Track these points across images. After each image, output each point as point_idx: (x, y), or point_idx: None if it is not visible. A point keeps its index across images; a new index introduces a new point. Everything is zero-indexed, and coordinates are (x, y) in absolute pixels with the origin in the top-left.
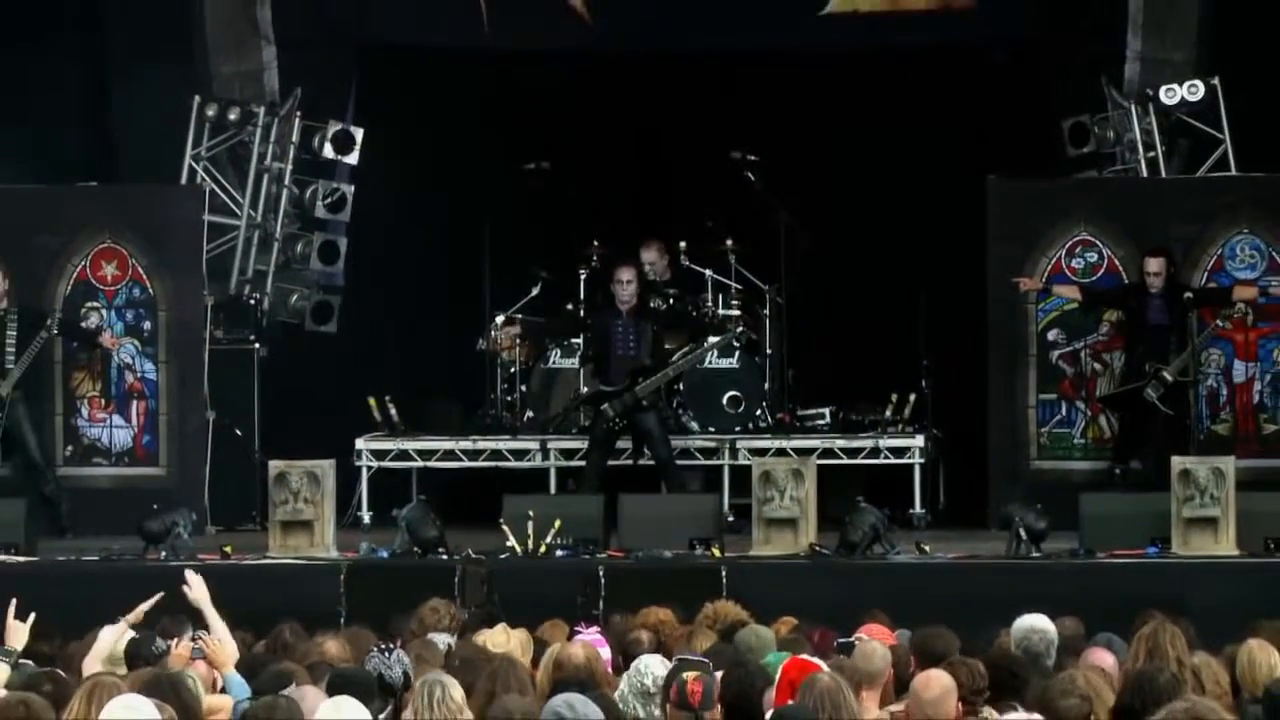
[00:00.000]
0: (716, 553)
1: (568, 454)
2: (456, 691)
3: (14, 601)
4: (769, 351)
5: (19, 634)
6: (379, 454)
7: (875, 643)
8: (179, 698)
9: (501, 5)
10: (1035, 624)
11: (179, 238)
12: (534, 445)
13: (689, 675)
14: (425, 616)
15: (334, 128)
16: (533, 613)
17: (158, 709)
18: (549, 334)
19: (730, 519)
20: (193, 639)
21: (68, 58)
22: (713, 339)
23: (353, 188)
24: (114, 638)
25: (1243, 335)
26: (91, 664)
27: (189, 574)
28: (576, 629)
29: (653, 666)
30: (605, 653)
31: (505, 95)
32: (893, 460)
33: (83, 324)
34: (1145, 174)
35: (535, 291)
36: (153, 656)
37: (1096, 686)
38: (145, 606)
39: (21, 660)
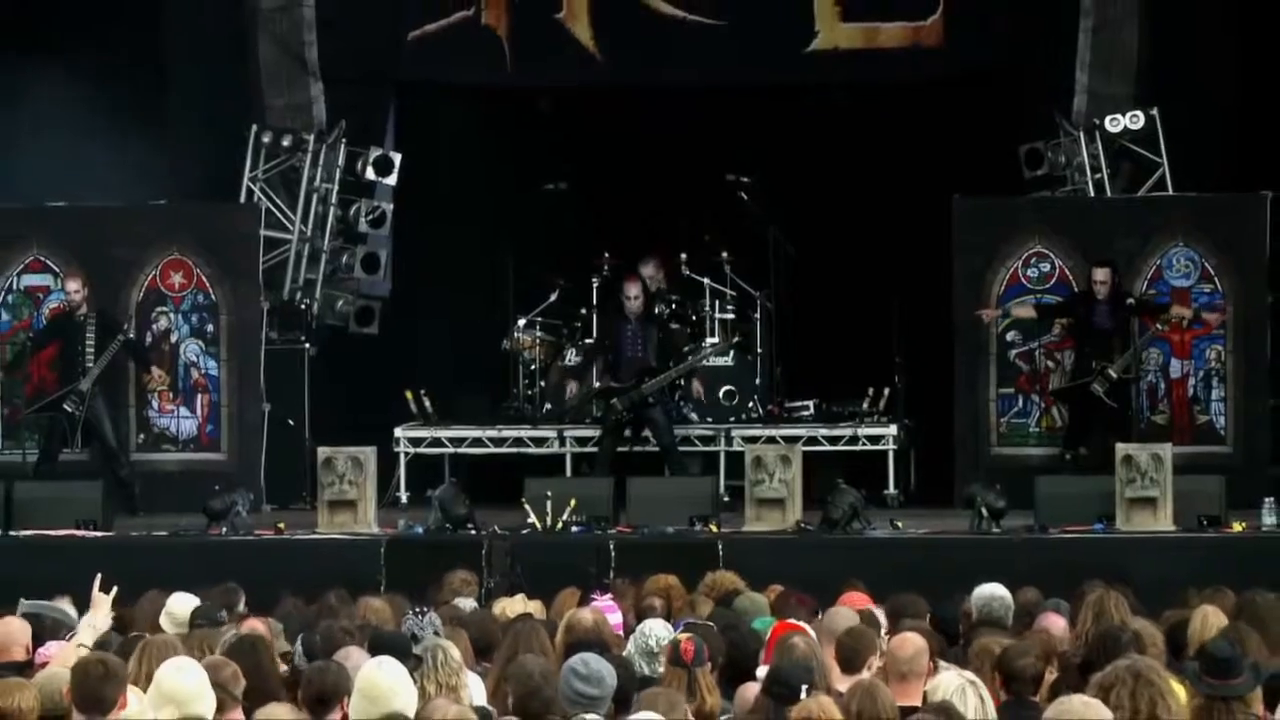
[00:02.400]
0: (714, 529)
1: (582, 441)
2: (455, 654)
3: (99, 577)
4: (759, 350)
5: (103, 606)
6: (415, 441)
7: (843, 609)
8: (256, 658)
9: (522, 46)
10: (995, 592)
11: (238, 250)
12: (552, 433)
13: (682, 636)
14: (455, 585)
15: (375, 153)
16: (551, 582)
17: (221, 667)
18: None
19: (726, 499)
20: None
21: (135, 90)
22: (707, 347)
23: (391, 206)
24: (179, 605)
25: (1179, 336)
26: (166, 626)
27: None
28: (592, 596)
29: (656, 629)
30: (615, 617)
31: (526, 124)
32: (869, 447)
33: (153, 326)
34: (1092, 194)
35: (553, 298)
36: (215, 622)
37: (1049, 648)
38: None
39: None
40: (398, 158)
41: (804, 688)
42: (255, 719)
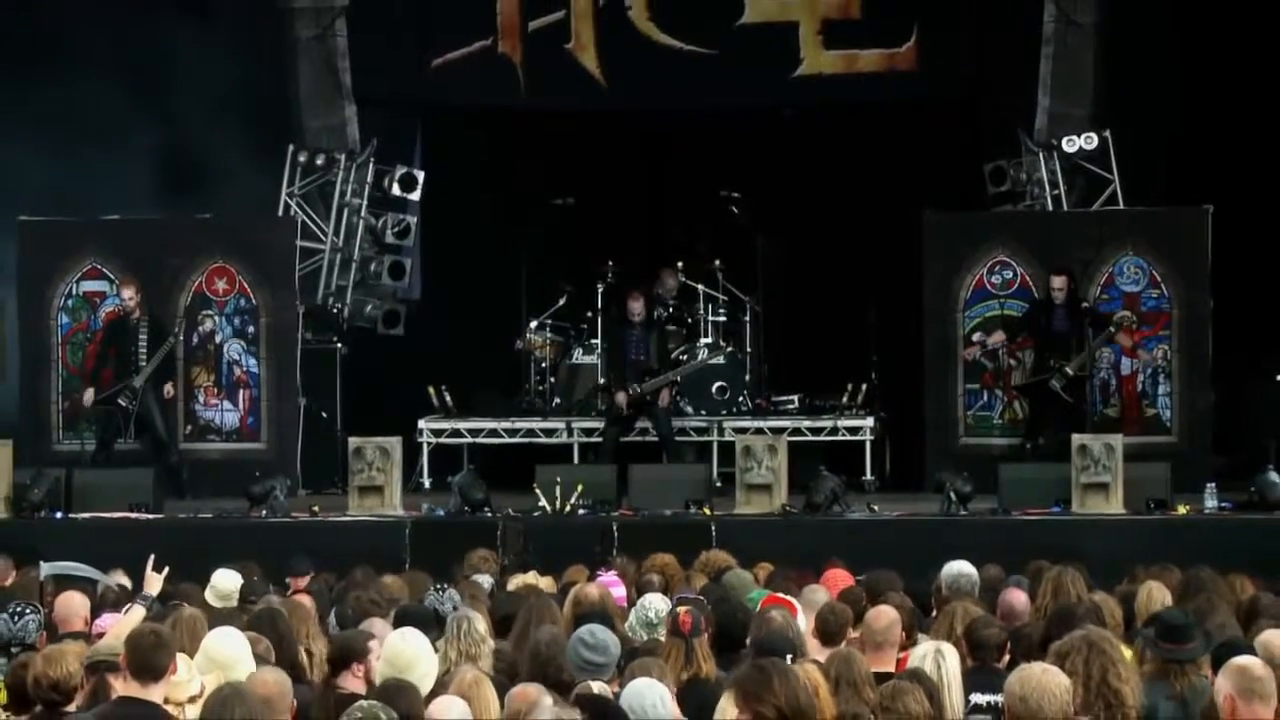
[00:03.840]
0: (707, 511)
1: (588, 432)
2: (480, 625)
3: (152, 557)
4: (749, 350)
5: (155, 583)
6: (436, 432)
7: (821, 587)
8: (275, 629)
9: (535, 73)
10: (962, 569)
11: (277, 259)
12: (561, 425)
13: (680, 609)
14: (474, 562)
15: (401, 171)
16: (560, 559)
17: (258, 641)
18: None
19: (718, 484)
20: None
21: (176, 111)
22: (702, 353)
23: (416, 218)
24: (222, 580)
25: (1129, 337)
26: (210, 600)
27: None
28: (598, 573)
29: (655, 602)
30: (619, 591)
31: (538, 144)
32: (848, 437)
33: (199, 328)
34: (1051, 208)
35: (561, 302)
36: (257, 596)
37: (1009, 619)
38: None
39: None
40: (422, 175)
41: (788, 656)
42: (251, 680)
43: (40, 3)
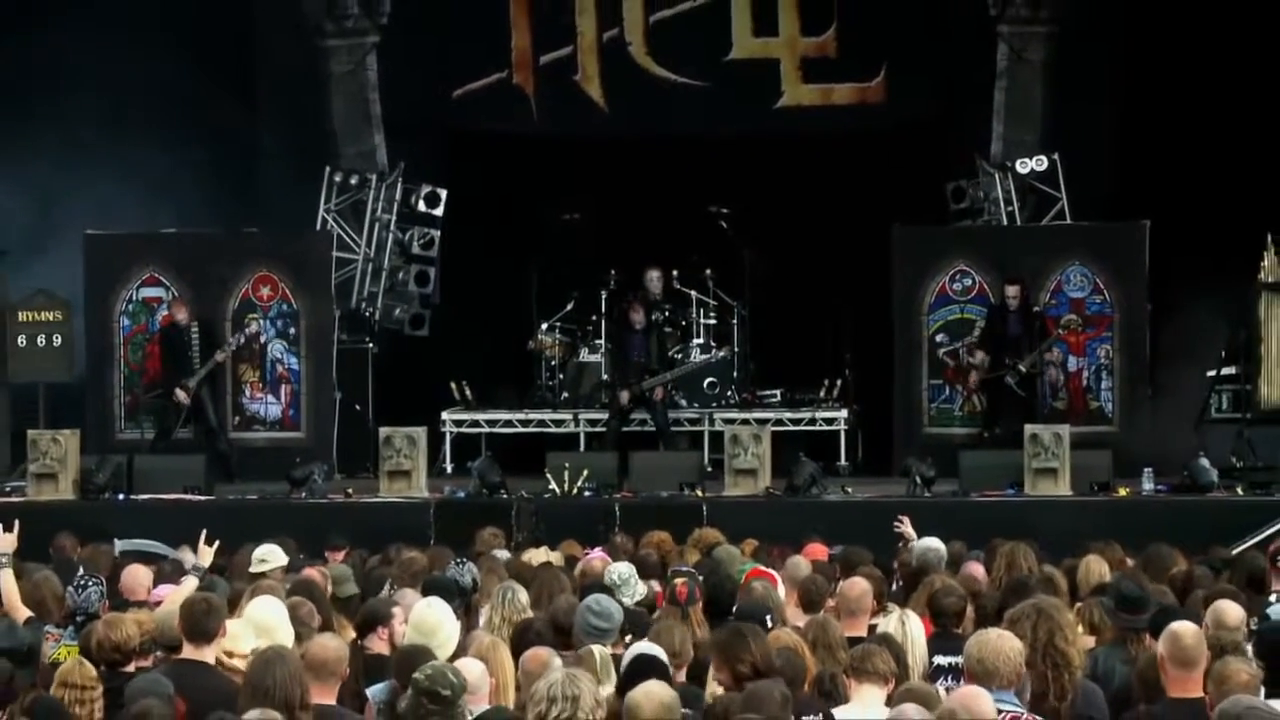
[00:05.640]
0: (699, 493)
1: (593, 423)
2: (523, 595)
3: (204, 532)
4: (736, 349)
5: (206, 556)
6: (458, 422)
7: (802, 559)
8: (311, 594)
9: (545, 102)
10: (931, 544)
11: (315, 268)
12: (569, 416)
13: (678, 580)
14: (485, 538)
15: (426, 189)
16: (568, 536)
17: (299, 605)
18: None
19: (709, 469)
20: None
21: (235, 139)
22: (697, 358)
23: (439, 232)
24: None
25: (1075, 338)
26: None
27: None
28: (588, 550)
29: (619, 569)
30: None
31: (548, 165)
32: (825, 427)
33: (245, 330)
34: (1005, 223)
35: (569, 307)
36: (298, 568)
37: (969, 589)
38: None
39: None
40: (444, 193)
41: (767, 618)
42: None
43: (106, 56)
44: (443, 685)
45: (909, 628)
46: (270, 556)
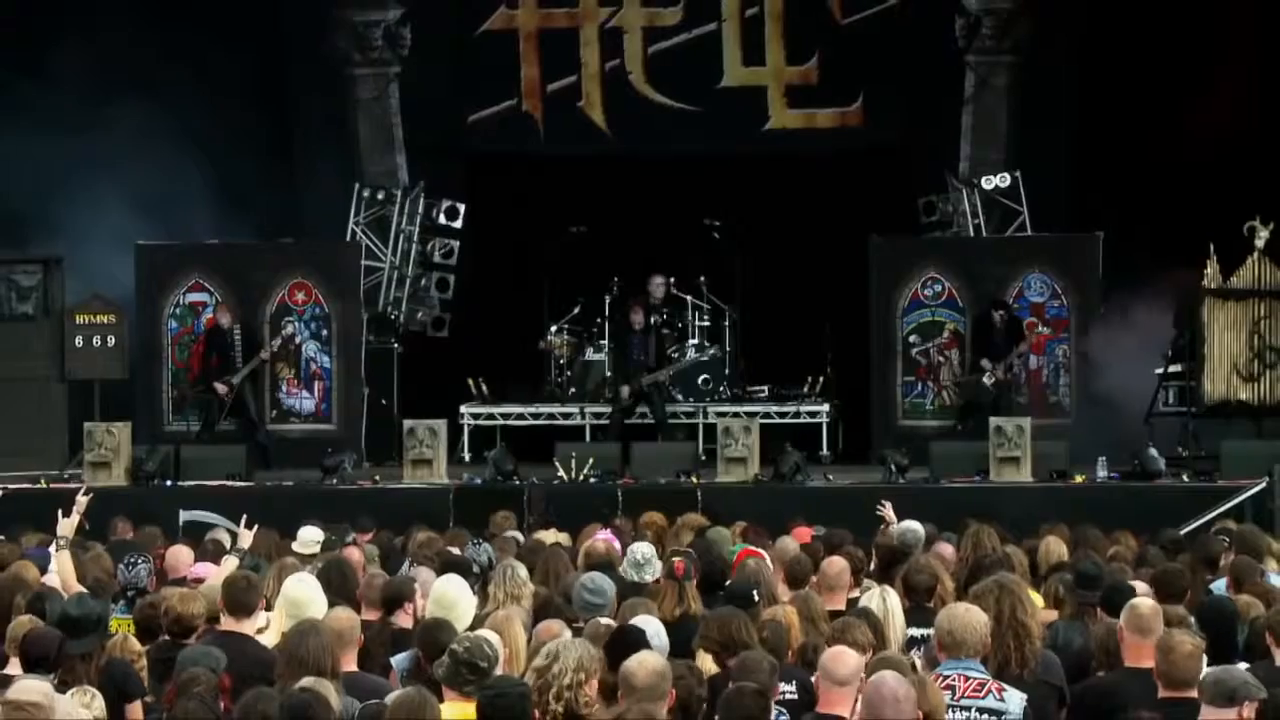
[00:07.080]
0: (694, 480)
1: (598, 416)
2: (522, 571)
3: (244, 516)
4: (728, 349)
5: (247, 538)
6: (475, 415)
7: (790, 540)
8: (341, 574)
9: (552, 126)
10: (910, 526)
11: (346, 275)
12: (576, 410)
13: (676, 558)
14: (498, 521)
15: (445, 204)
16: (575, 519)
17: (326, 585)
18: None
19: (703, 458)
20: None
21: (273, 157)
22: (691, 352)
23: (458, 243)
24: (305, 534)
25: (1036, 339)
26: (297, 550)
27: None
28: (597, 531)
29: (641, 548)
30: (618, 544)
31: (555, 183)
32: (808, 420)
33: (282, 332)
34: (972, 234)
35: (576, 310)
36: (337, 547)
37: (938, 568)
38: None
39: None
40: (462, 208)
41: (754, 593)
42: (327, 616)
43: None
44: (480, 657)
45: (889, 603)
46: (316, 538)
